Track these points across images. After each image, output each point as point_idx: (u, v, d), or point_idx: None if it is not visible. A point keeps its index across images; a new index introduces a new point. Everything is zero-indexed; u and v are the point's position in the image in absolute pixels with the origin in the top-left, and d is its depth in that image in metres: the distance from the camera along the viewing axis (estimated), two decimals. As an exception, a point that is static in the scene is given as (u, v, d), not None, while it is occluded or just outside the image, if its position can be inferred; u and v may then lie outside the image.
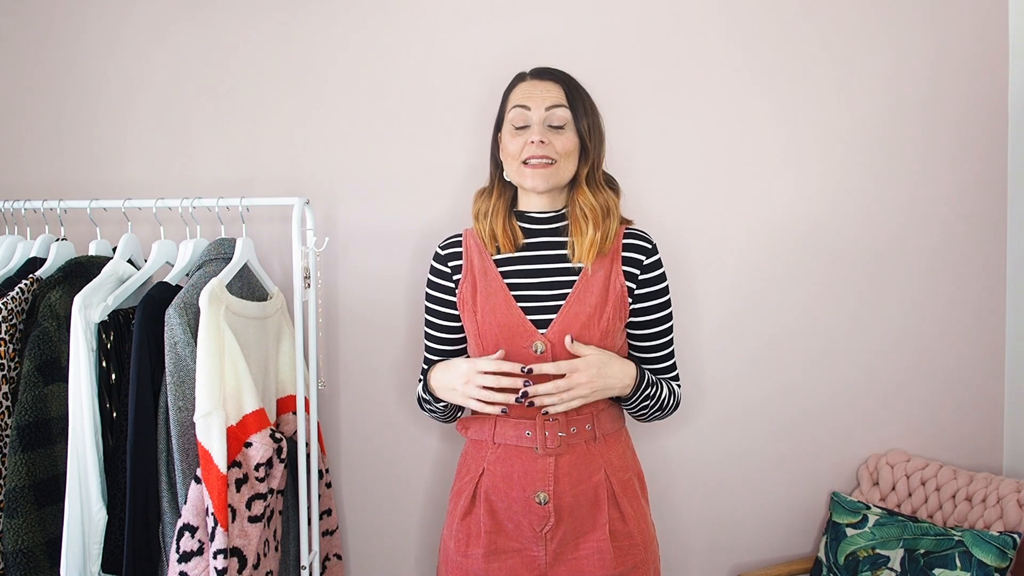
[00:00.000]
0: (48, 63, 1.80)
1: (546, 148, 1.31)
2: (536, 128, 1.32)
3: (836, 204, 1.82)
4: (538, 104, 1.33)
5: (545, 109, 1.33)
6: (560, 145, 1.33)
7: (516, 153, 1.34)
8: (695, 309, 1.81)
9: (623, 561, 1.33)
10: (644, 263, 1.37)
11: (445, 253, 1.43)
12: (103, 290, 1.43)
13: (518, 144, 1.34)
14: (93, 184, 1.79)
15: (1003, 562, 1.57)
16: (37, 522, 1.36)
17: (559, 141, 1.33)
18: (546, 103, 1.33)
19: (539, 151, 1.31)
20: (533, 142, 1.31)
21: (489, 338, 1.34)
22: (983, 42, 1.82)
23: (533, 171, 1.33)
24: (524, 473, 1.33)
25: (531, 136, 1.32)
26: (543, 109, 1.33)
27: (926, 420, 1.88)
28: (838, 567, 1.75)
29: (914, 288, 1.85)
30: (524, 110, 1.34)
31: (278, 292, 1.63)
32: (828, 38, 1.79)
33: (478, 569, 1.34)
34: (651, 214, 1.71)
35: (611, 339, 1.34)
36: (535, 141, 1.31)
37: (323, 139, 1.78)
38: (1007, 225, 1.86)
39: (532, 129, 1.33)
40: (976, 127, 1.83)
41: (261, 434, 1.37)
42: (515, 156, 1.34)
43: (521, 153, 1.33)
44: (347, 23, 1.77)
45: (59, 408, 1.40)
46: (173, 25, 1.78)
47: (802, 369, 1.85)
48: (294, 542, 1.58)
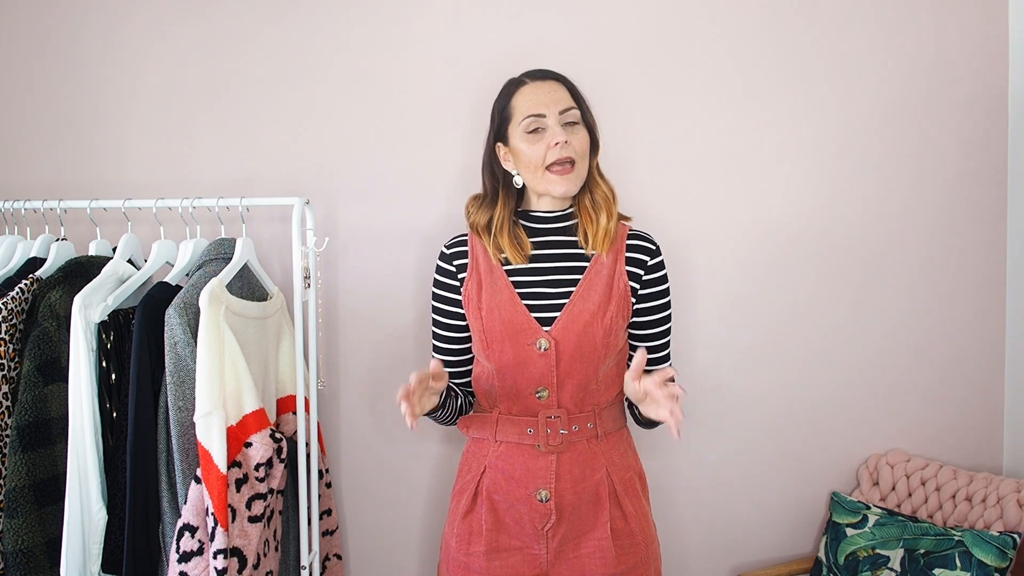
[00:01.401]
0: (48, 63, 1.80)
1: (568, 149, 1.32)
2: (556, 130, 1.31)
3: (835, 202, 1.82)
4: (552, 109, 1.32)
5: (559, 113, 1.33)
6: (578, 144, 1.33)
7: (539, 160, 1.33)
8: (694, 308, 1.81)
9: (624, 559, 1.33)
10: (648, 264, 1.38)
11: (451, 252, 1.44)
12: (103, 290, 1.43)
13: (539, 150, 1.32)
14: (93, 184, 1.79)
15: (1003, 562, 1.57)
16: (37, 522, 1.36)
17: (576, 140, 1.33)
18: (559, 106, 1.33)
19: (563, 153, 1.31)
20: (558, 143, 1.31)
21: (494, 335, 1.34)
22: (983, 41, 1.82)
23: (560, 177, 1.32)
24: (526, 471, 1.33)
25: (554, 138, 1.31)
26: (557, 113, 1.32)
27: (926, 420, 1.88)
28: (838, 567, 1.75)
29: (914, 287, 1.85)
30: (539, 118, 1.33)
31: (278, 292, 1.63)
32: (826, 37, 1.79)
33: (480, 567, 1.34)
34: (648, 212, 1.70)
35: (614, 337, 1.34)
36: (560, 143, 1.31)
37: (323, 139, 1.78)
38: (1007, 224, 1.86)
39: (553, 131, 1.32)
40: (976, 126, 1.83)
41: (261, 434, 1.37)
42: (538, 163, 1.33)
43: (545, 158, 1.32)
44: (347, 23, 1.77)
45: (59, 408, 1.40)
46: (173, 25, 1.78)
47: (802, 369, 1.85)
48: (294, 542, 1.58)
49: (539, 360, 1.31)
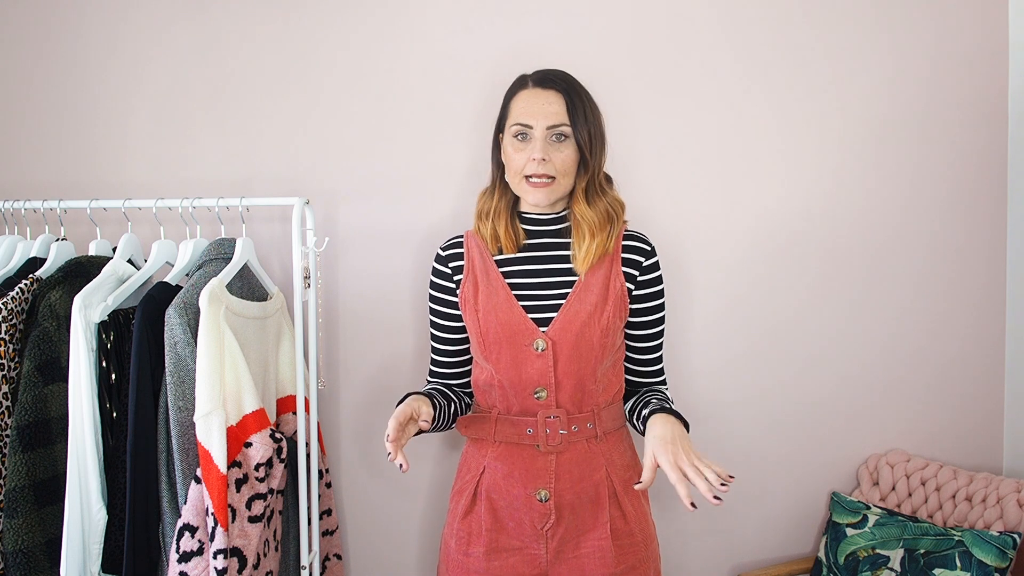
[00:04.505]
0: (48, 63, 1.80)
1: (546, 166, 1.32)
2: (538, 145, 1.32)
3: (834, 203, 1.82)
4: (539, 122, 1.32)
5: (547, 128, 1.32)
6: (560, 162, 1.33)
7: (519, 168, 1.34)
8: (694, 307, 1.81)
9: (624, 559, 1.33)
10: (643, 264, 1.39)
11: (446, 254, 1.44)
12: (103, 290, 1.43)
13: (521, 159, 1.34)
14: (93, 184, 1.79)
15: (1003, 562, 1.57)
16: (37, 522, 1.36)
17: (559, 158, 1.33)
18: (548, 121, 1.32)
19: (540, 169, 1.31)
20: (535, 159, 1.31)
21: (491, 337, 1.34)
22: (983, 41, 1.82)
23: (534, 188, 1.34)
24: (525, 471, 1.33)
25: (533, 153, 1.32)
26: (545, 127, 1.32)
27: (926, 420, 1.88)
28: (838, 567, 1.75)
29: (914, 287, 1.85)
30: (526, 128, 1.33)
31: (278, 292, 1.63)
32: (827, 37, 1.79)
33: (479, 567, 1.35)
34: (648, 213, 1.71)
35: (611, 338, 1.34)
36: (536, 159, 1.31)
37: (323, 139, 1.78)
38: (1007, 224, 1.86)
39: (534, 146, 1.32)
40: (976, 126, 1.83)
41: (261, 434, 1.37)
42: (518, 171, 1.35)
43: (524, 168, 1.33)
44: (347, 23, 1.77)
45: (59, 408, 1.40)
46: (173, 25, 1.78)
47: (801, 369, 1.85)
48: (294, 542, 1.58)
49: (537, 361, 1.32)
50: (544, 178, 1.33)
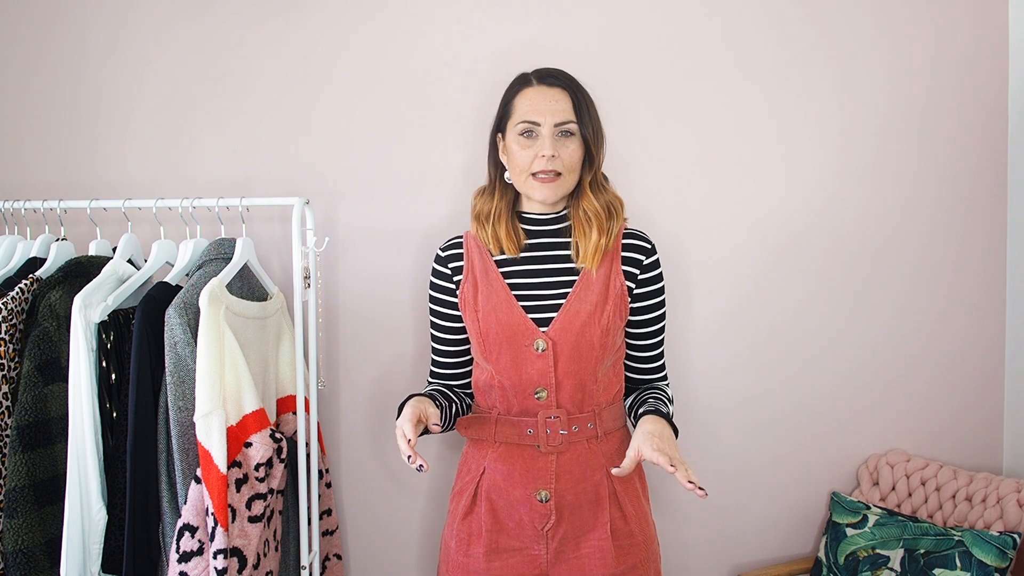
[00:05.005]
0: (48, 63, 1.80)
1: (555, 162, 1.32)
2: (547, 141, 1.32)
3: (835, 202, 1.82)
4: (547, 120, 1.32)
5: (554, 125, 1.32)
6: (567, 158, 1.33)
7: (526, 165, 1.34)
8: (692, 307, 1.81)
9: (624, 560, 1.33)
10: (644, 263, 1.39)
11: (446, 255, 1.44)
12: (103, 290, 1.43)
13: (527, 157, 1.33)
14: (93, 184, 1.79)
15: (1003, 562, 1.57)
16: (37, 522, 1.36)
17: (566, 153, 1.33)
18: (556, 118, 1.32)
19: (549, 165, 1.31)
20: (544, 156, 1.31)
21: (491, 337, 1.34)
22: (983, 41, 1.82)
23: (542, 184, 1.33)
24: (525, 471, 1.33)
25: (542, 150, 1.32)
26: (552, 124, 1.32)
27: (926, 420, 1.88)
28: (838, 567, 1.75)
29: (914, 286, 1.85)
30: (533, 125, 1.33)
31: (278, 292, 1.63)
32: (827, 36, 1.79)
33: (479, 568, 1.34)
34: (648, 213, 1.71)
35: (612, 337, 1.34)
36: (546, 156, 1.31)
37: (323, 139, 1.78)
38: (1007, 224, 1.86)
39: (543, 142, 1.32)
40: (976, 126, 1.83)
41: (261, 434, 1.37)
42: (524, 168, 1.34)
43: (531, 166, 1.33)
44: (347, 23, 1.77)
45: (59, 408, 1.40)
46: (173, 25, 1.78)
47: (801, 369, 1.85)
48: (294, 542, 1.58)
49: (537, 361, 1.32)
50: (552, 174, 1.32)
